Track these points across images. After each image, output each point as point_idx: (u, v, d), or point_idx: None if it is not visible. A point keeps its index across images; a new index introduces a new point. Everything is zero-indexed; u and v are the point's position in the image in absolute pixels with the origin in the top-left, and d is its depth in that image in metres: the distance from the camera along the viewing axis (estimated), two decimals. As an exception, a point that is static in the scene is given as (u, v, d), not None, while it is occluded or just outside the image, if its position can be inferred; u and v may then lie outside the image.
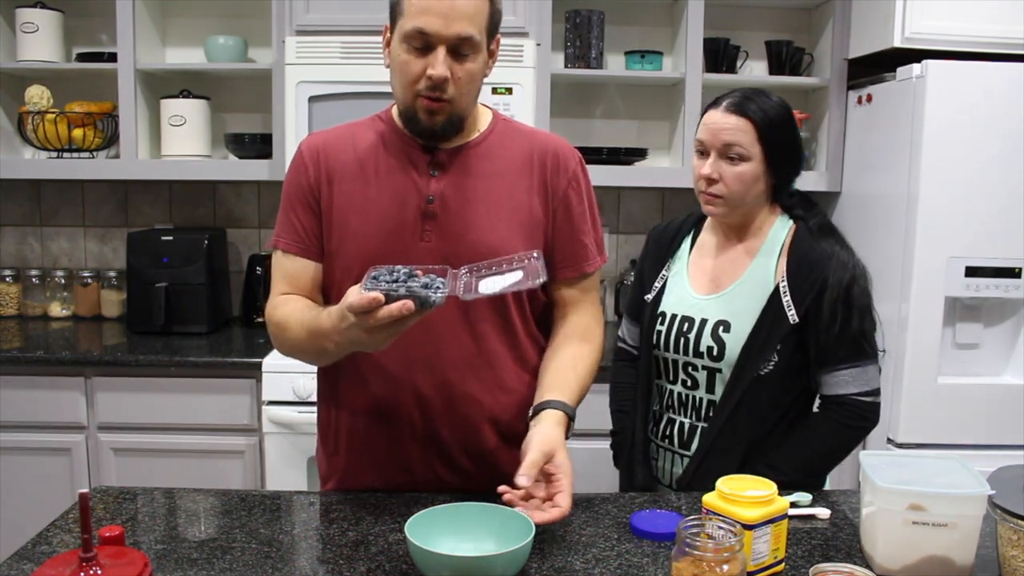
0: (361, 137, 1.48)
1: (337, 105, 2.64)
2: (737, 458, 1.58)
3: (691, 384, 1.65)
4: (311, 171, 1.47)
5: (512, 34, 2.67)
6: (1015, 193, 2.43)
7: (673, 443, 1.67)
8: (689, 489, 1.60)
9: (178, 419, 2.57)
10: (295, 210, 1.48)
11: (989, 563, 1.21)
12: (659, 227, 1.82)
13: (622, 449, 1.76)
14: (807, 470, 1.58)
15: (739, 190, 1.58)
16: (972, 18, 2.53)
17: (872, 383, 1.57)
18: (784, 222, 1.64)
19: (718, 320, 1.60)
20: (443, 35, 1.32)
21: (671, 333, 1.65)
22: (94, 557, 1.02)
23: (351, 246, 1.44)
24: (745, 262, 1.63)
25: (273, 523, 1.34)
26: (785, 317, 1.55)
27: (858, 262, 1.58)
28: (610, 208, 3.22)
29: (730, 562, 1.03)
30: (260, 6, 2.89)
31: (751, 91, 1.60)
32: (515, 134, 1.51)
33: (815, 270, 1.55)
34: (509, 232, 1.43)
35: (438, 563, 1.10)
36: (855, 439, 1.60)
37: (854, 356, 1.55)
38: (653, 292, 1.72)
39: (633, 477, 1.70)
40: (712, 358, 1.60)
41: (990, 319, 2.55)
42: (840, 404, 1.57)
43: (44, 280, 3.15)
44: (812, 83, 2.99)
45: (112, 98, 2.88)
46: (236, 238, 3.18)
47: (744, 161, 1.56)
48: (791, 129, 1.60)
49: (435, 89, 1.35)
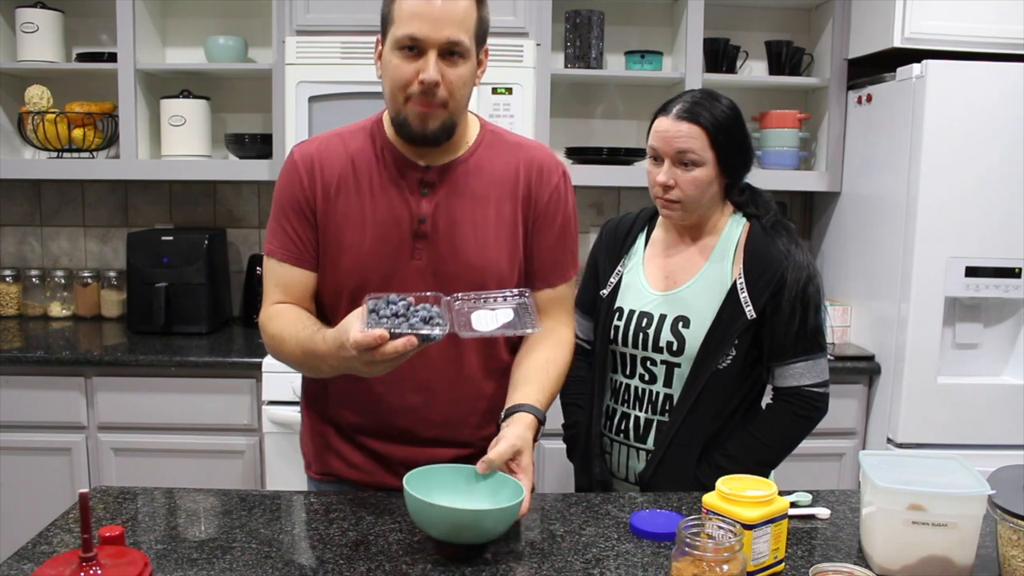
0: (353, 151, 1.49)
1: (337, 105, 2.64)
2: (697, 451, 1.63)
3: (648, 378, 1.68)
4: (306, 181, 1.48)
5: (512, 34, 2.68)
6: (1015, 193, 2.44)
7: (628, 437, 1.70)
8: (651, 484, 1.65)
9: (178, 419, 2.57)
10: (289, 219, 1.48)
11: (989, 563, 1.21)
12: (612, 221, 1.85)
13: (577, 443, 1.79)
14: (763, 460, 1.63)
15: (695, 194, 1.62)
16: (972, 18, 2.53)
17: (823, 375, 1.64)
18: (737, 220, 1.69)
19: (677, 316, 1.64)
20: (433, 39, 1.34)
21: (629, 328, 1.69)
22: (94, 557, 1.02)
23: (346, 261, 1.47)
24: (701, 259, 1.67)
25: (273, 523, 1.34)
26: (743, 313, 1.60)
27: (811, 261, 1.64)
28: (610, 208, 3.22)
29: (730, 562, 1.03)
30: (260, 6, 2.89)
31: (700, 95, 1.63)
32: (502, 146, 1.54)
33: (771, 268, 1.60)
34: (497, 252, 1.48)
35: (435, 516, 1.18)
36: (807, 428, 1.65)
37: (808, 350, 1.62)
38: (608, 288, 1.75)
39: (591, 471, 1.73)
40: (672, 353, 1.64)
41: (990, 319, 2.56)
42: (794, 395, 1.63)
43: (44, 280, 3.15)
44: (812, 83, 2.99)
45: (112, 98, 2.88)
46: (236, 238, 3.19)
47: (698, 167, 1.60)
48: (740, 130, 1.64)
49: (426, 93, 1.37)
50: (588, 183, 3.00)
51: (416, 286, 1.44)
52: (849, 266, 2.91)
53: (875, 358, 2.67)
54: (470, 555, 1.23)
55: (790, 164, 2.98)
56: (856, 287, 2.85)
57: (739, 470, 1.41)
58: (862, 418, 2.70)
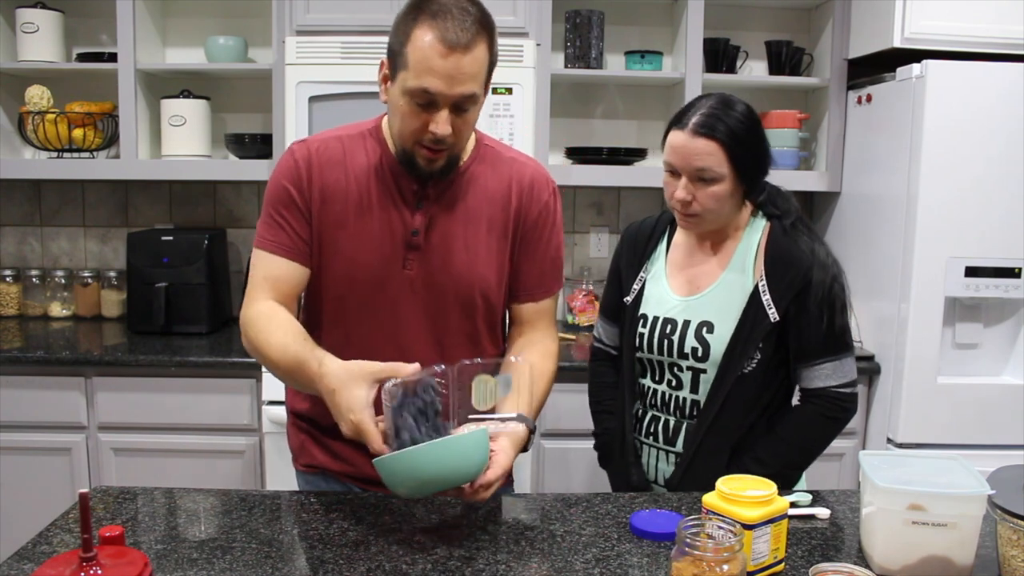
0: (353, 157, 1.50)
1: (337, 105, 2.64)
2: (725, 455, 1.61)
3: (676, 384, 1.66)
4: (304, 181, 1.48)
5: (512, 34, 2.68)
6: (1015, 193, 2.44)
7: (658, 440, 1.69)
8: (680, 487, 1.63)
9: (178, 419, 2.57)
10: (283, 214, 1.48)
11: (989, 563, 1.21)
12: (633, 226, 1.82)
13: (611, 450, 1.77)
14: (792, 462, 1.62)
15: (714, 207, 1.59)
16: (972, 18, 2.53)
17: (850, 375, 1.62)
18: (757, 222, 1.66)
19: (701, 321, 1.62)
20: (448, 95, 1.34)
21: (654, 335, 1.67)
22: (94, 557, 1.02)
23: (339, 267, 1.48)
24: (722, 263, 1.65)
25: (273, 523, 1.34)
26: (766, 316, 1.58)
27: (835, 259, 1.62)
28: (610, 208, 3.22)
29: (730, 562, 1.03)
30: (260, 6, 2.89)
31: (715, 105, 1.57)
32: (496, 160, 1.55)
33: (793, 270, 1.58)
34: (486, 267, 1.51)
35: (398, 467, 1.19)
36: (836, 429, 1.63)
37: (834, 350, 1.60)
38: (632, 294, 1.73)
39: (628, 478, 1.72)
40: (697, 359, 1.62)
41: (990, 319, 2.56)
42: (821, 397, 1.61)
43: (44, 280, 3.15)
44: (812, 83, 2.99)
45: (112, 98, 2.88)
46: (236, 238, 3.18)
47: (717, 182, 1.56)
48: (757, 137, 1.60)
49: (437, 143, 1.38)
50: (588, 183, 3.00)
51: (406, 295, 1.48)
52: (849, 266, 2.88)
53: (875, 358, 2.67)
54: (471, 555, 1.23)
55: (790, 164, 2.97)
56: (856, 287, 2.85)
57: (768, 473, 1.36)
58: (862, 418, 2.70)
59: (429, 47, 1.32)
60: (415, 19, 1.34)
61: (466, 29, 1.32)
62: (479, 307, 1.52)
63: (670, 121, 1.62)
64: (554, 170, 2.57)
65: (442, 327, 1.51)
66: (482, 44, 1.35)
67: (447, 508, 1.41)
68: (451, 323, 1.51)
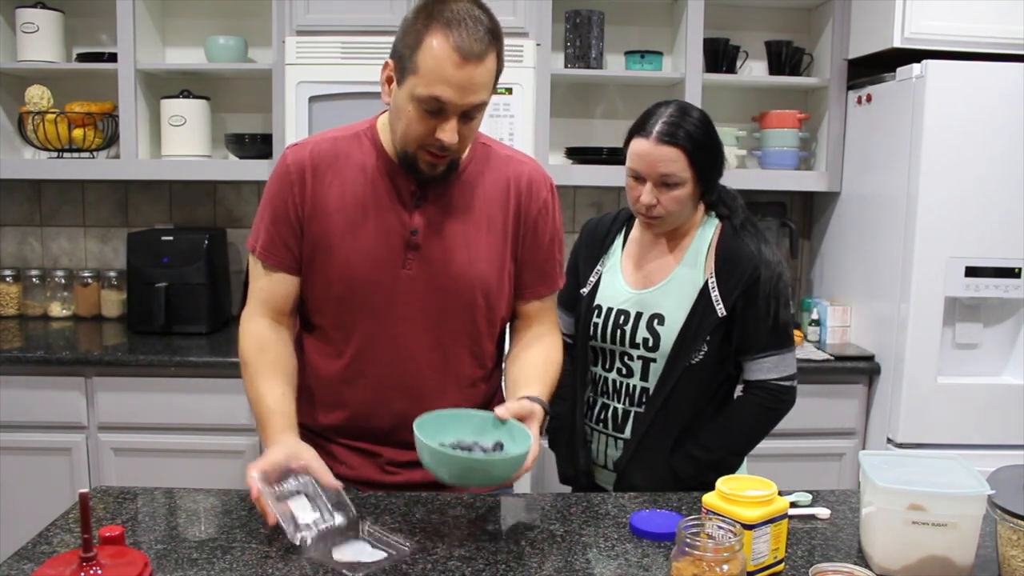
0: (348, 158, 1.50)
1: (337, 105, 2.64)
2: (671, 441, 1.70)
3: (626, 372, 1.74)
4: (297, 190, 1.48)
5: (512, 34, 2.66)
6: (1015, 193, 2.44)
7: (607, 427, 1.77)
8: (626, 470, 1.72)
9: (178, 419, 2.57)
10: (276, 224, 1.49)
11: (989, 563, 1.21)
12: (592, 222, 1.92)
13: (561, 434, 1.84)
14: (734, 449, 1.71)
15: (676, 210, 1.68)
16: (972, 18, 2.53)
17: (790, 368, 1.71)
18: (710, 221, 1.75)
19: (652, 314, 1.71)
20: (459, 105, 1.34)
21: (607, 325, 1.75)
22: (94, 557, 1.02)
23: (338, 268, 1.48)
24: (676, 259, 1.74)
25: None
26: (714, 311, 1.66)
27: (780, 258, 1.71)
28: (610, 208, 3.21)
29: (730, 562, 1.03)
30: (260, 6, 2.89)
31: (675, 113, 1.65)
32: (494, 160, 1.55)
33: (740, 268, 1.67)
34: (486, 265, 1.52)
35: (447, 460, 1.25)
36: (775, 419, 1.73)
37: (776, 345, 1.69)
38: (588, 286, 1.81)
39: (575, 461, 1.80)
40: (647, 349, 1.70)
41: (990, 319, 2.56)
42: (763, 388, 1.70)
43: (44, 280, 3.15)
44: (812, 83, 2.99)
45: (112, 98, 2.88)
46: (236, 238, 3.18)
47: (680, 186, 1.65)
48: (714, 141, 1.68)
49: (443, 150, 1.39)
50: (588, 183, 3.00)
51: (408, 295, 1.48)
52: (849, 266, 2.91)
53: (875, 358, 2.67)
54: (471, 555, 1.23)
55: (790, 164, 2.98)
56: (856, 287, 2.85)
57: (710, 459, 1.65)
58: (862, 418, 2.70)
59: (443, 56, 1.31)
60: (427, 25, 1.32)
61: (479, 40, 1.32)
62: (480, 306, 1.52)
63: (631, 129, 1.70)
64: (554, 170, 2.57)
65: (443, 326, 1.51)
66: (493, 54, 1.35)
67: (447, 508, 1.41)
68: (452, 322, 1.51)
